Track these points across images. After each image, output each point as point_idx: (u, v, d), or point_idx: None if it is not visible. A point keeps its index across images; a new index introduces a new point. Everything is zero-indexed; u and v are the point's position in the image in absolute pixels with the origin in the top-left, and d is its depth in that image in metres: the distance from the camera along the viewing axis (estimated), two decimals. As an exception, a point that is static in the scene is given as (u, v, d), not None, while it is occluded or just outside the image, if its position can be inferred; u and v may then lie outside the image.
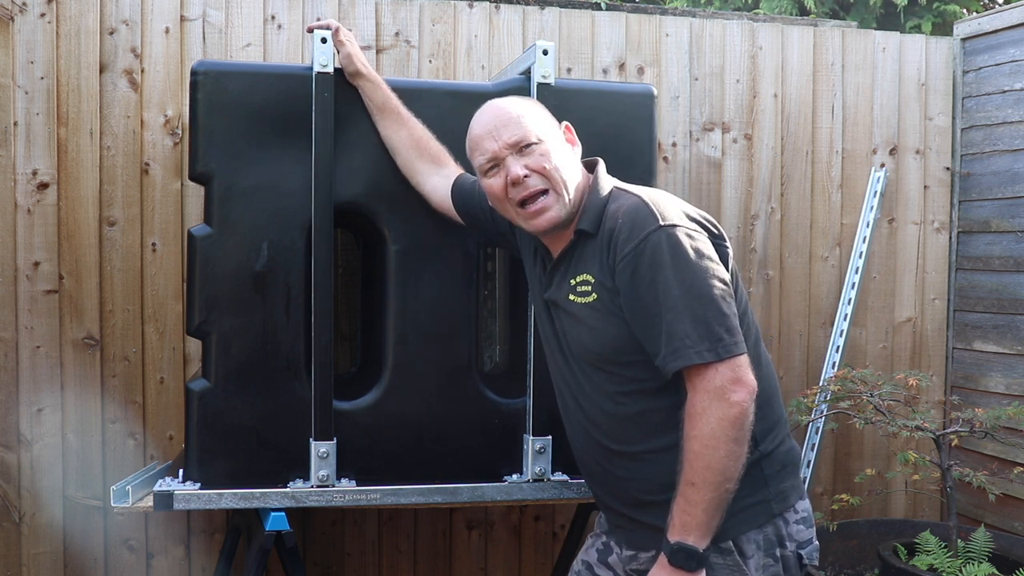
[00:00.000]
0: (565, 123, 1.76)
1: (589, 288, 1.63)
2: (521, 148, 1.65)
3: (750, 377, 1.52)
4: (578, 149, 1.75)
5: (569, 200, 1.66)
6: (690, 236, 1.56)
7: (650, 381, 1.61)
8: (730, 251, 1.66)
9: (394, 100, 2.07)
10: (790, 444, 1.71)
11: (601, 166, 1.75)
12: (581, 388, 1.70)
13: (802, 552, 1.66)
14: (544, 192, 1.65)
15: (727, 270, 1.60)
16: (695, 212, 1.65)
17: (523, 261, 1.92)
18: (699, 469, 1.49)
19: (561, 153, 1.68)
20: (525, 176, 1.64)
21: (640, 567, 1.70)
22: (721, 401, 1.49)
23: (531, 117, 1.68)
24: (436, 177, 2.06)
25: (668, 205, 1.61)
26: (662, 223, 1.55)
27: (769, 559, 1.62)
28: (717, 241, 1.63)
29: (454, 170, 2.06)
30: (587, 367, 1.67)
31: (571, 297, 1.66)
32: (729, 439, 1.49)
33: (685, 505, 1.51)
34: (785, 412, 1.76)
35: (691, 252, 1.54)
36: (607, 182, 1.71)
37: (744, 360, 1.52)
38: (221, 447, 2.06)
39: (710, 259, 1.56)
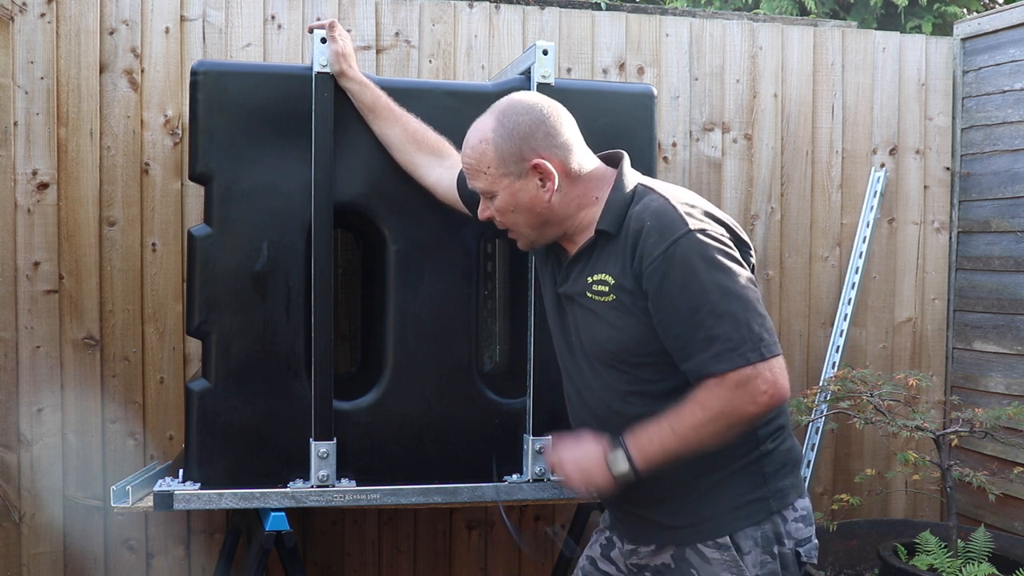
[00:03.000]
0: (535, 160, 1.62)
1: (607, 288, 1.62)
2: (486, 195, 1.70)
3: (785, 382, 1.51)
4: (553, 184, 1.63)
5: (535, 238, 1.71)
6: (718, 240, 1.55)
7: (660, 383, 1.61)
8: (754, 259, 1.65)
9: (384, 99, 2.06)
10: (791, 443, 1.71)
11: (626, 161, 1.72)
12: (589, 385, 1.70)
13: (800, 550, 1.66)
14: (509, 230, 1.72)
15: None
16: (721, 215, 1.65)
17: (534, 257, 1.92)
18: (687, 430, 1.52)
19: (519, 200, 1.65)
20: (489, 217, 1.72)
21: (639, 561, 1.71)
22: (747, 397, 1.49)
23: (488, 164, 1.64)
24: (439, 169, 2.05)
25: (695, 208, 1.60)
26: (691, 227, 1.54)
27: (767, 556, 1.63)
28: (742, 248, 1.62)
29: (458, 160, 2.03)
30: (598, 364, 1.67)
31: (588, 294, 1.65)
32: (729, 427, 1.51)
33: (656, 436, 1.54)
34: (789, 414, 1.76)
35: (721, 256, 1.53)
36: (631, 179, 1.68)
37: (781, 362, 1.52)
38: (221, 447, 2.06)
39: (738, 262, 1.55)
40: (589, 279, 1.65)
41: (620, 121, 2.22)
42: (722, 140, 3.11)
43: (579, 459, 1.60)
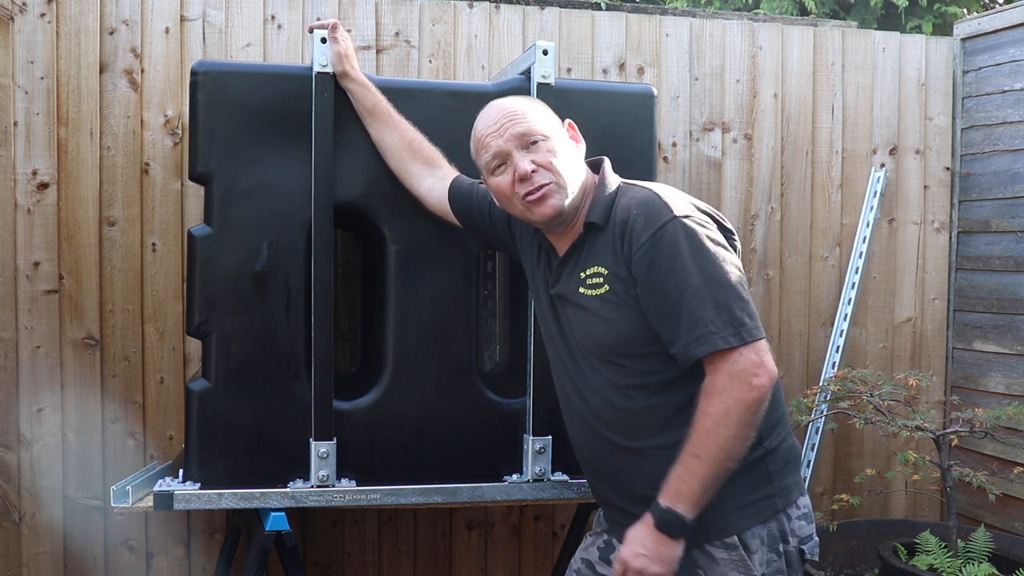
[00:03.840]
0: (568, 121, 1.77)
1: (601, 280, 1.64)
2: (527, 144, 1.67)
3: (771, 363, 1.54)
4: (582, 146, 1.77)
5: (571, 194, 1.68)
6: (703, 225, 1.59)
7: (660, 374, 1.62)
8: (739, 245, 1.68)
9: (384, 103, 2.07)
10: (792, 441, 1.72)
11: (607, 164, 1.77)
12: (587, 383, 1.70)
13: (804, 548, 1.67)
14: (548, 184, 1.67)
15: None
16: (703, 205, 1.68)
17: (523, 261, 1.92)
18: (707, 444, 1.51)
19: (565, 150, 1.69)
20: (533, 171, 1.65)
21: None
22: (743, 384, 1.50)
23: (535, 114, 1.70)
24: (431, 179, 2.06)
25: (678, 197, 1.64)
26: (676, 213, 1.58)
27: (772, 554, 1.63)
28: (726, 234, 1.65)
29: (449, 171, 2.07)
30: (596, 361, 1.68)
31: (581, 290, 1.67)
32: (742, 421, 1.51)
33: (684, 474, 1.53)
34: (786, 409, 1.77)
35: (706, 240, 1.56)
36: (614, 179, 1.74)
37: (765, 345, 1.54)
38: (221, 447, 2.06)
39: (724, 247, 1.59)
40: (582, 274, 1.67)
41: (620, 121, 2.23)
42: (722, 140, 3.11)
43: (639, 552, 1.56)
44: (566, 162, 1.68)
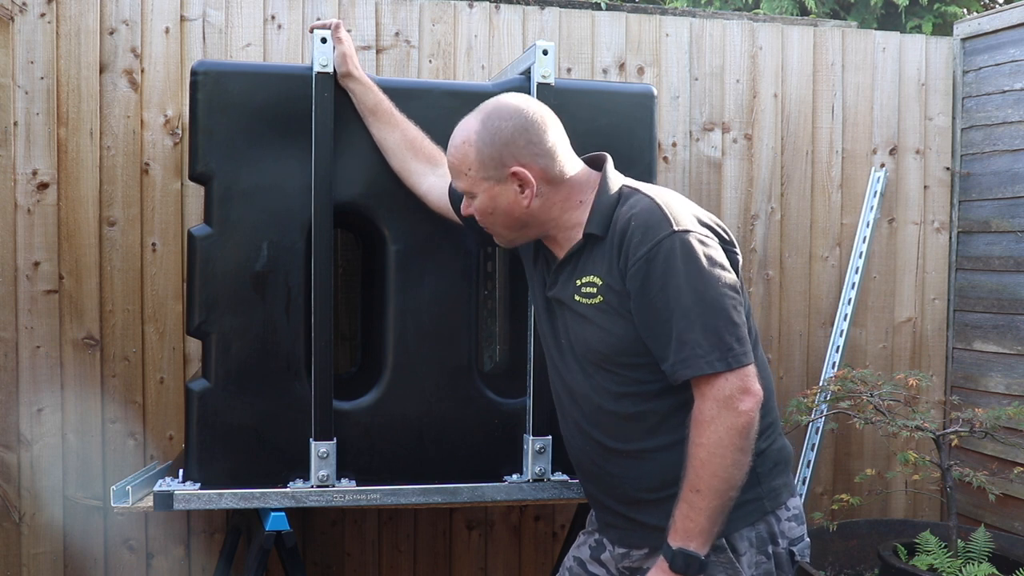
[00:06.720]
0: (514, 168, 1.62)
1: (595, 290, 1.63)
2: (467, 194, 1.71)
3: (757, 387, 1.53)
4: (530, 191, 1.64)
5: (512, 238, 1.74)
6: (703, 243, 1.55)
7: (652, 383, 1.61)
8: (739, 257, 1.66)
9: (386, 102, 2.06)
10: (782, 443, 1.72)
11: (609, 163, 1.72)
12: (579, 386, 1.70)
13: (794, 549, 1.67)
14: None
15: (736, 276, 1.60)
16: (706, 216, 1.65)
17: (523, 259, 1.92)
18: (705, 476, 1.50)
19: (497, 202, 1.66)
20: (471, 214, 1.74)
21: (632, 564, 1.71)
22: (729, 410, 1.49)
23: (469, 166, 1.65)
24: (432, 177, 2.05)
25: (681, 209, 1.60)
26: (675, 228, 1.54)
27: (762, 556, 1.63)
28: (727, 247, 1.63)
29: None
30: (589, 365, 1.67)
31: (576, 298, 1.66)
32: (736, 448, 1.50)
33: (688, 511, 1.52)
34: (778, 411, 1.77)
35: (703, 259, 1.53)
36: (615, 181, 1.69)
37: (752, 370, 1.53)
38: (221, 447, 2.06)
39: (722, 267, 1.56)
40: (578, 282, 1.66)
41: (620, 121, 2.22)
42: (722, 140, 3.11)
43: None
44: (498, 216, 1.68)
